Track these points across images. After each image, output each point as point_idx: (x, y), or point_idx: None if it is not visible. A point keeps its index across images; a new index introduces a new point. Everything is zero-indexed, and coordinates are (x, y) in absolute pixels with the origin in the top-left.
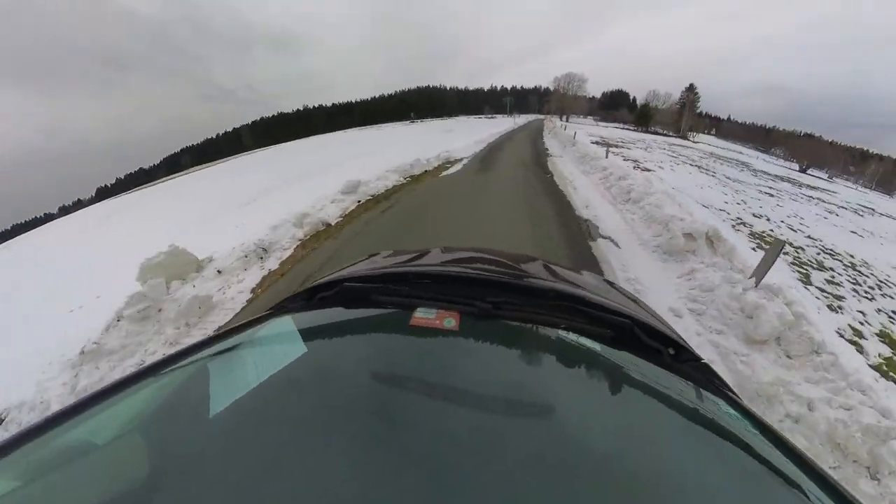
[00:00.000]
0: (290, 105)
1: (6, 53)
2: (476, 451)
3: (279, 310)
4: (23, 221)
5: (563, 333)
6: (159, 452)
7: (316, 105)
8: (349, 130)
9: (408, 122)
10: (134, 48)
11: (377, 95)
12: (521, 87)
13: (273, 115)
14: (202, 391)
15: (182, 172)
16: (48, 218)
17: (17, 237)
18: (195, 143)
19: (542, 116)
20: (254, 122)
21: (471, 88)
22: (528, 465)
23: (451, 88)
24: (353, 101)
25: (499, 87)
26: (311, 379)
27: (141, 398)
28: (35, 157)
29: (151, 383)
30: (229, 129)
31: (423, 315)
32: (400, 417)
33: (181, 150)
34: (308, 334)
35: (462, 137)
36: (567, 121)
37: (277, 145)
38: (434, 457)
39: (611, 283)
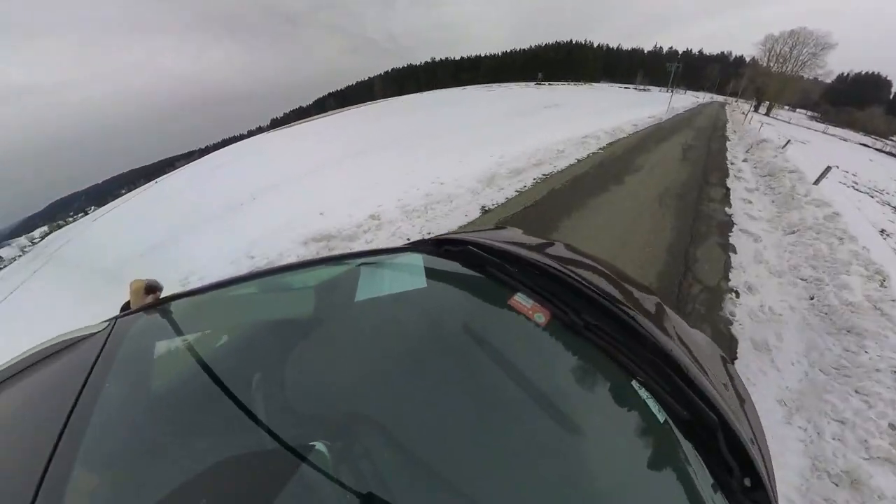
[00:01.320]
0: (423, 56)
1: (216, 14)
2: (507, 419)
3: (415, 246)
4: (224, 139)
5: (636, 386)
6: (319, 309)
7: (443, 58)
8: (468, 88)
9: (534, 83)
10: (301, 5)
11: (508, 50)
12: (699, 51)
13: (403, 67)
14: (353, 283)
15: (341, 109)
16: (240, 138)
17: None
18: (339, 89)
19: (720, 98)
20: (385, 73)
21: (626, 48)
22: (537, 457)
23: (598, 46)
24: (482, 55)
25: (665, 49)
26: (420, 305)
27: (317, 274)
28: (233, 93)
29: (326, 267)
30: (365, 78)
31: (520, 300)
32: (467, 366)
33: (327, 95)
34: (429, 273)
35: (509, 144)
36: (767, 114)
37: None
38: (475, 404)
39: (725, 362)
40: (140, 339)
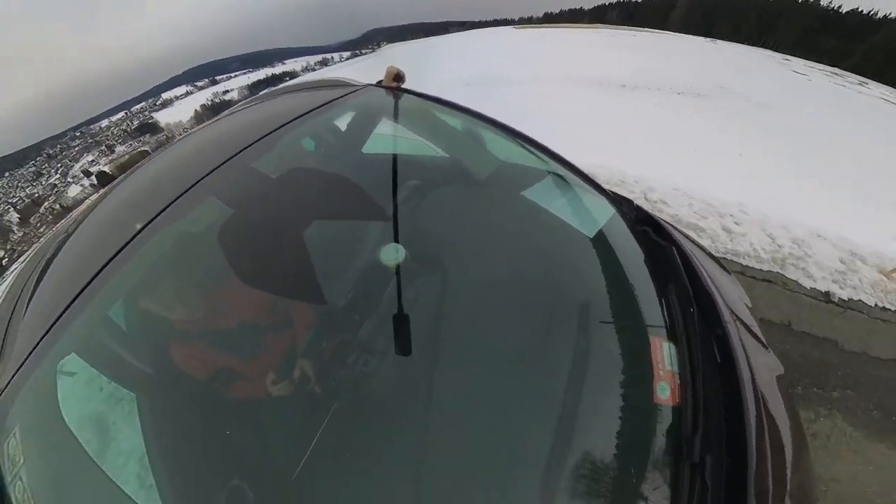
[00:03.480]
0: None
1: None
2: (537, 409)
3: (615, 199)
4: (495, 18)
5: None
6: (489, 176)
7: (806, 0)
8: (793, 60)
9: None
10: None
11: None
12: None
13: None
14: (530, 182)
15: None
16: (509, 22)
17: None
18: (628, 0)
19: None
20: None
21: None
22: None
23: None
24: (889, 16)
25: None
26: (565, 247)
27: (509, 147)
28: None
29: (527, 152)
30: None
31: (664, 353)
32: (547, 334)
33: (610, 4)
34: (602, 232)
35: None
36: None
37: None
38: (522, 364)
39: None
40: (372, 103)
